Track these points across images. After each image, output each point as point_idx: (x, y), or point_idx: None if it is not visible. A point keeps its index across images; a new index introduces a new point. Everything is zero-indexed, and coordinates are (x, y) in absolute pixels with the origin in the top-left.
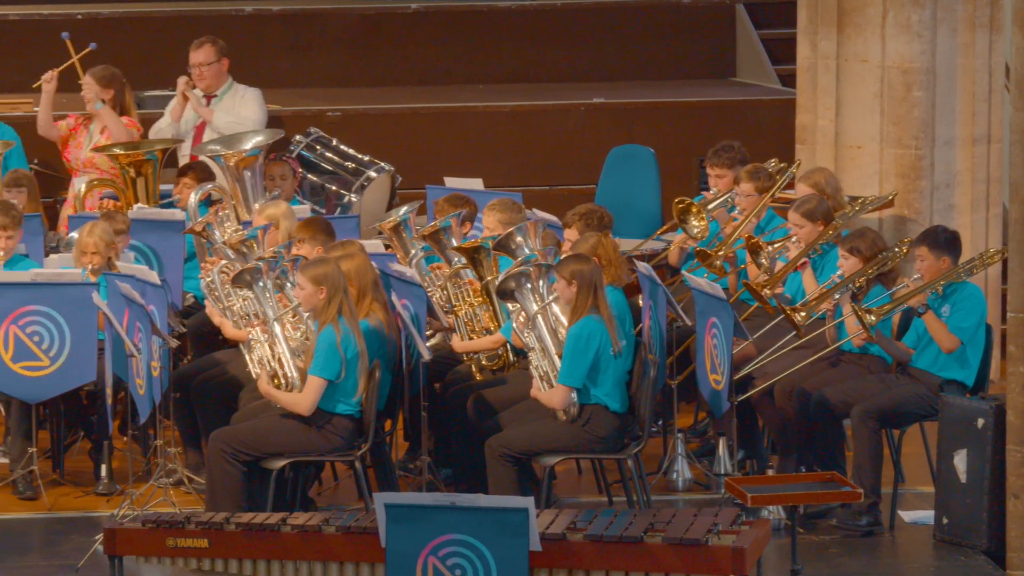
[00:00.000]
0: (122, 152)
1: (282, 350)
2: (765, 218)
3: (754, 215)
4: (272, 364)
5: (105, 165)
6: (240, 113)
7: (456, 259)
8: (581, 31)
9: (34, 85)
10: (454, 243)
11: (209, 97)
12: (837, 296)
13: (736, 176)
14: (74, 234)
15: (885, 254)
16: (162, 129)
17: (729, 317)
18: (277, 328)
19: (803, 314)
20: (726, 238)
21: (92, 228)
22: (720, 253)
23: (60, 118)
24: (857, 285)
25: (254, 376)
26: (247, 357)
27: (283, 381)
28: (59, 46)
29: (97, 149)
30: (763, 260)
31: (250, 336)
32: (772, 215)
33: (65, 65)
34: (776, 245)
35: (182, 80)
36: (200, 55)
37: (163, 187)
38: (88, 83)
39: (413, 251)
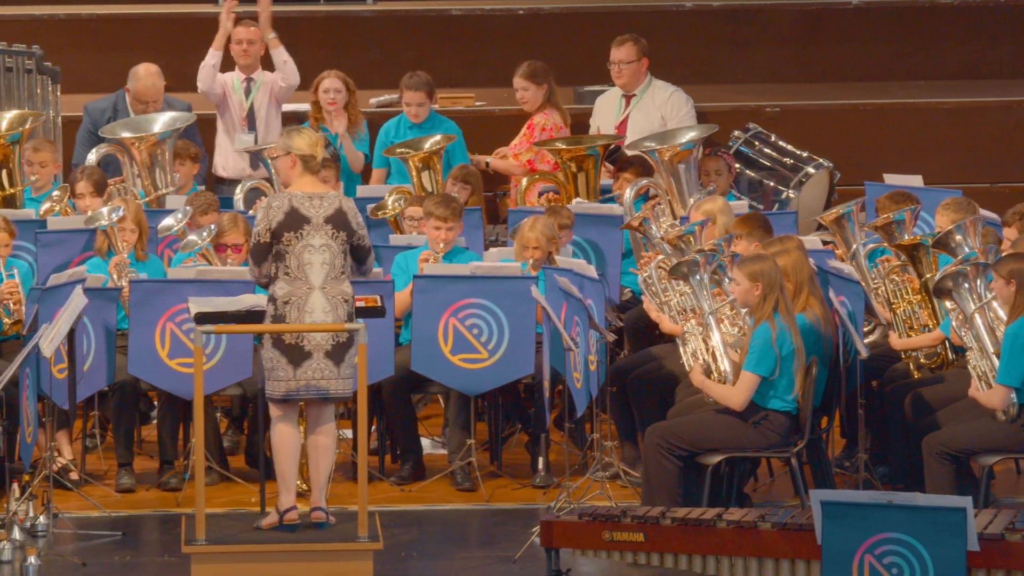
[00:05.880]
0: (564, 147)
1: (716, 343)
2: None
3: None
4: (706, 357)
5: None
6: (661, 116)
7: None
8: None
9: None
10: (906, 237)
11: (628, 96)
12: None
13: None
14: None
15: None
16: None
17: None
18: (712, 321)
19: None
20: None
21: (534, 223)
22: None
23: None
24: None
25: (687, 369)
26: (681, 350)
27: (717, 375)
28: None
29: (539, 144)
30: None
31: (685, 329)
32: None
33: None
34: None
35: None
36: (621, 53)
37: (603, 182)
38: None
39: (855, 245)
